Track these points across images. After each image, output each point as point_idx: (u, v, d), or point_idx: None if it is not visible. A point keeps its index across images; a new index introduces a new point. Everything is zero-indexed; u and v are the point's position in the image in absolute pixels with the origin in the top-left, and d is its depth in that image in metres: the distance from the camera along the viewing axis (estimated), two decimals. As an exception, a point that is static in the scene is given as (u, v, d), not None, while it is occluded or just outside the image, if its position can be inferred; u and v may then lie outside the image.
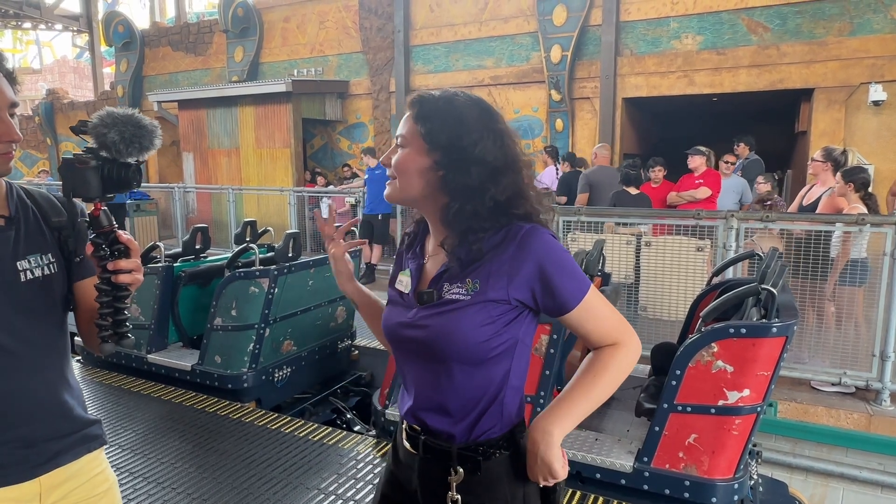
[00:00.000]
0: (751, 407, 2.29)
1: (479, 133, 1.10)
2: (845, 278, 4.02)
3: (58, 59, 28.75)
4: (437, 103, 1.13)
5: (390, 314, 1.22)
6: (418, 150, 1.12)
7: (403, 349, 1.20)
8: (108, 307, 1.11)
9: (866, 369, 3.98)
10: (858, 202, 4.07)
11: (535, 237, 1.09)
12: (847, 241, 3.98)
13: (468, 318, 1.08)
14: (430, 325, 1.11)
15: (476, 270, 1.10)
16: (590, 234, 4.65)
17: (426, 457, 1.18)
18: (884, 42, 7.04)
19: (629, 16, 8.40)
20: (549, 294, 1.09)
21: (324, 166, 11.32)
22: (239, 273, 3.78)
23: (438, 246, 1.16)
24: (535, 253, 1.08)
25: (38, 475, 1.17)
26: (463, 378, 1.11)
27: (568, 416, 1.11)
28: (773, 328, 2.21)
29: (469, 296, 1.09)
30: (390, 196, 1.18)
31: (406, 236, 1.29)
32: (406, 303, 1.19)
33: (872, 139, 7.26)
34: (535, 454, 1.10)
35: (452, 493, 1.14)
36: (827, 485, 3.71)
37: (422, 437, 1.18)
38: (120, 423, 3.38)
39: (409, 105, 1.16)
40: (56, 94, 14.97)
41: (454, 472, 1.13)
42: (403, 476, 1.24)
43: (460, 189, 1.10)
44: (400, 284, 1.22)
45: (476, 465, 1.13)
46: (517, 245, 1.08)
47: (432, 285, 1.15)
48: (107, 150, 1.06)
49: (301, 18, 11.28)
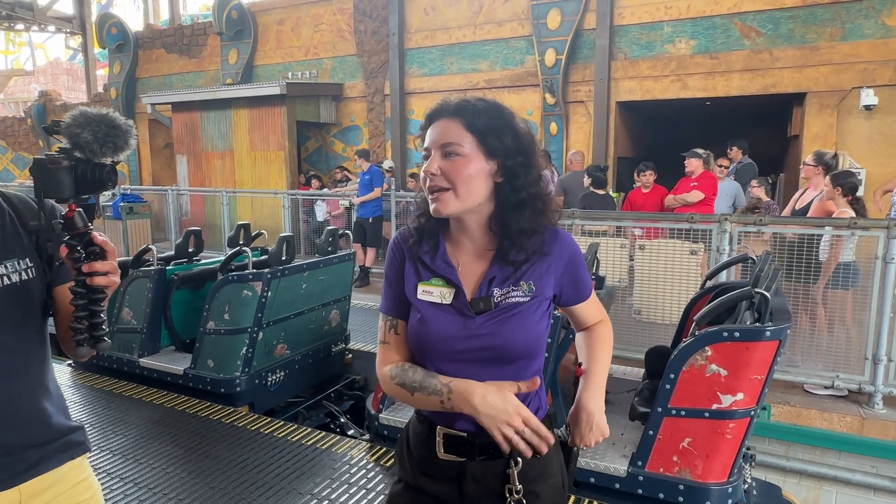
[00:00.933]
0: (745, 410, 2.29)
1: (529, 141, 1.17)
2: (837, 281, 4.04)
3: (51, 60, 28.61)
4: (489, 112, 1.14)
5: (437, 327, 1.17)
6: (478, 157, 1.13)
7: (463, 359, 1.16)
8: (84, 310, 1.08)
9: (859, 372, 3.99)
10: (847, 206, 4.10)
11: (566, 239, 1.23)
12: (837, 244, 4.00)
13: (531, 318, 1.17)
14: (499, 331, 1.15)
15: (525, 273, 1.17)
16: (584, 238, 4.66)
17: (481, 458, 1.18)
18: (875, 47, 7.10)
19: (623, 20, 8.44)
20: (574, 286, 1.25)
21: (318, 169, 11.30)
22: (232, 276, 3.76)
23: (477, 251, 1.20)
24: (568, 251, 1.22)
25: (19, 483, 1.15)
26: (525, 373, 1.19)
27: (602, 385, 1.28)
28: (767, 332, 2.21)
29: (528, 297, 1.16)
30: (447, 209, 1.14)
31: (416, 245, 1.23)
32: (459, 312, 1.17)
33: (864, 143, 7.31)
34: (592, 423, 1.23)
35: (514, 484, 1.16)
36: (820, 488, 3.72)
37: (477, 440, 1.17)
38: (111, 428, 3.35)
39: (453, 112, 1.14)
40: (49, 96, 14.89)
41: (515, 464, 1.17)
42: (440, 489, 1.21)
43: (516, 195, 1.15)
44: (430, 295, 1.19)
45: (535, 452, 1.16)
46: (556, 246, 1.20)
47: (481, 292, 1.17)
48: (80, 151, 1.04)
49: (295, 21, 11.27)
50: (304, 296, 4.06)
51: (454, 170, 1.12)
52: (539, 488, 1.19)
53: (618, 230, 5.12)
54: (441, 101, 1.19)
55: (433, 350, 1.18)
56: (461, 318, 1.16)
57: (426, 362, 1.20)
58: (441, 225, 1.23)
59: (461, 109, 1.14)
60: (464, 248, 1.21)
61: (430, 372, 1.18)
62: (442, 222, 1.22)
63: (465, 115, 1.14)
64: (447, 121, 1.14)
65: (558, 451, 1.25)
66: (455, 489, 1.20)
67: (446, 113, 1.15)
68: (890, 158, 6.91)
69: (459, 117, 1.14)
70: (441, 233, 1.22)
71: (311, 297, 4.15)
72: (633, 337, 4.49)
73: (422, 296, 1.20)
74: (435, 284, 1.19)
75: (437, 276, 1.20)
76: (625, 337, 4.50)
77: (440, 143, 1.14)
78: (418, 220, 1.24)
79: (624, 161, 9.28)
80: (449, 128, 1.14)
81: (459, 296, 1.17)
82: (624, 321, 4.73)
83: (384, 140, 10.52)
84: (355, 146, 10.88)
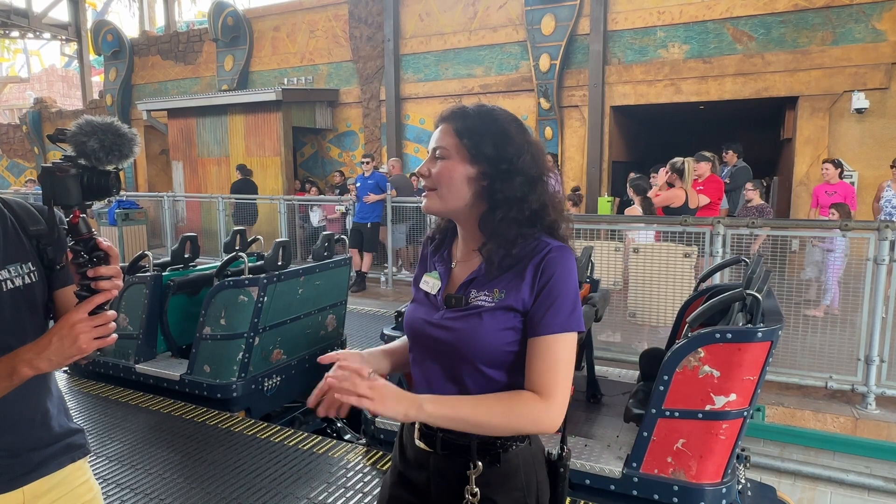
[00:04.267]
0: (738, 411, 2.31)
1: (521, 146, 1.17)
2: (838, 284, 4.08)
3: (46, 67, 28.62)
4: (480, 117, 1.18)
5: (416, 311, 1.26)
6: (462, 161, 1.16)
7: (425, 347, 1.23)
8: None
9: (852, 373, 4.02)
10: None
11: (560, 259, 1.14)
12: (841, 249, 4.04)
13: (490, 323, 1.13)
14: (454, 328, 1.16)
15: (504, 280, 1.15)
16: (579, 241, 4.68)
17: (443, 453, 1.19)
18: (865, 51, 7.17)
19: (617, 25, 8.50)
20: (540, 307, 1.12)
21: (314, 175, 11.32)
22: (228, 282, 3.77)
23: (469, 252, 1.23)
24: (553, 270, 1.12)
25: (22, 485, 1.17)
26: (485, 378, 1.15)
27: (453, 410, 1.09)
28: (759, 333, 2.23)
29: (493, 303, 1.14)
30: (431, 208, 1.21)
31: (430, 240, 1.35)
32: (433, 303, 1.23)
33: (856, 146, 7.37)
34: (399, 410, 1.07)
35: (472, 486, 1.16)
36: (815, 488, 3.74)
37: (439, 433, 1.18)
38: (108, 434, 3.34)
39: (446, 118, 1.20)
40: (44, 103, 14.88)
41: (473, 466, 1.16)
42: (414, 475, 1.26)
43: (504, 198, 1.16)
44: (426, 285, 1.27)
45: (496, 458, 1.17)
46: (544, 261, 1.13)
47: (461, 290, 1.20)
48: (86, 159, 1.07)
49: (291, 27, 11.31)
50: (300, 301, 4.07)
51: (439, 172, 1.18)
52: (498, 497, 1.17)
53: (612, 234, 5.15)
54: (449, 106, 1.25)
55: (411, 334, 1.27)
56: (433, 309, 1.23)
57: (410, 346, 1.29)
58: (445, 227, 1.33)
59: (453, 114, 1.20)
60: (464, 247, 1.27)
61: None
62: (445, 225, 1.32)
63: (455, 120, 1.19)
64: (443, 125, 1.20)
65: (534, 469, 1.21)
66: (424, 477, 1.24)
67: (443, 118, 1.22)
68: (881, 161, 6.97)
69: (451, 122, 1.19)
70: (453, 231, 1.31)
71: (308, 302, 4.16)
72: (628, 340, 4.52)
73: (422, 285, 1.29)
74: (432, 276, 1.27)
75: (435, 269, 1.28)
76: (620, 340, 4.51)
77: (433, 145, 1.21)
78: (439, 221, 1.34)
79: (619, 165, 9.33)
80: (442, 131, 1.20)
81: (439, 290, 1.24)
82: (619, 324, 4.75)
83: (380, 145, 10.54)
84: (351, 151, 10.91)
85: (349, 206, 8.22)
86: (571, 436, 2.79)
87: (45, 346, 1.06)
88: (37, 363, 1.06)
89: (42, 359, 1.06)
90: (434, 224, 1.37)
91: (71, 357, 1.06)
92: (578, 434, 2.83)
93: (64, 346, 1.05)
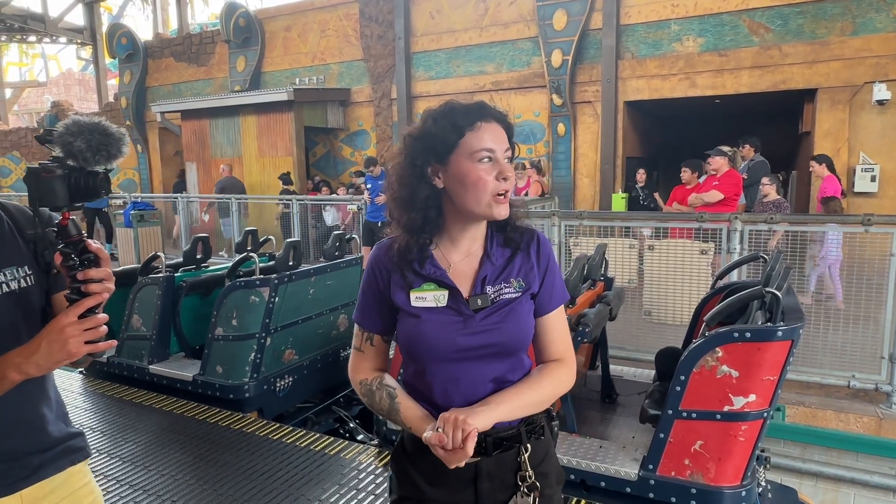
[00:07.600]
0: (757, 412, 2.25)
1: None
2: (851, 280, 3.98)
3: (63, 71, 29.03)
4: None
5: (432, 329, 1.17)
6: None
7: (459, 359, 1.17)
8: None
9: (875, 371, 3.92)
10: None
11: (546, 241, 1.28)
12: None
13: (522, 311, 1.21)
14: (499, 327, 1.18)
15: (514, 270, 1.23)
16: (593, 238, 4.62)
17: (496, 452, 1.19)
18: (887, 41, 7.00)
19: (629, 19, 8.39)
20: (548, 290, 1.25)
21: (326, 174, 11.34)
22: (239, 282, 3.77)
23: (468, 250, 1.23)
24: (547, 253, 1.27)
25: (20, 489, 1.16)
26: (521, 364, 1.24)
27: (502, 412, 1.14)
28: (779, 332, 2.16)
29: (519, 293, 1.21)
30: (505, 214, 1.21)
31: (399, 254, 1.21)
32: (455, 313, 1.18)
33: (877, 138, 7.20)
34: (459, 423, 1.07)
35: (526, 470, 1.20)
36: (837, 490, 3.65)
37: (488, 437, 1.17)
38: (121, 435, 3.36)
39: (501, 119, 1.20)
40: (61, 107, 15.10)
41: (525, 451, 1.20)
42: (454, 497, 1.21)
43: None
44: (424, 301, 1.19)
45: (540, 432, 1.25)
46: (537, 245, 1.26)
47: (476, 290, 1.20)
48: (73, 159, 1.05)
49: (302, 27, 11.33)
50: (311, 301, 4.06)
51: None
52: (546, 469, 1.25)
53: (626, 231, 5.07)
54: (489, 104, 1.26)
55: (430, 352, 1.18)
56: (460, 318, 1.18)
57: (421, 364, 1.21)
58: (431, 231, 1.21)
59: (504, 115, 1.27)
60: (458, 248, 1.23)
61: (394, 403, 1.21)
62: (432, 227, 1.21)
63: (508, 126, 1.24)
64: (499, 127, 1.22)
65: (550, 430, 1.32)
66: (471, 491, 1.20)
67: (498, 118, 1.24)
68: (904, 153, 6.81)
69: (506, 128, 1.24)
70: (430, 239, 1.22)
71: (319, 302, 4.15)
72: (642, 338, 4.45)
73: (416, 302, 1.20)
74: (427, 289, 1.20)
75: (428, 280, 1.20)
76: (635, 339, 4.45)
77: (505, 152, 1.20)
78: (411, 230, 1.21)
79: (633, 161, 9.22)
80: (504, 137, 1.22)
81: (456, 295, 1.19)
82: (634, 323, 4.68)
83: (392, 144, 10.53)
84: (363, 151, 10.91)
85: (361, 206, 8.24)
86: (585, 437, 2.74)
87: (34, 351, 1.04)
88: (25, 367, 1.04)
89: (31, 363, 1.04)
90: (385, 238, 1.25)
91: (60, 361, 1.04)
92: (593, 435, 2.78)
93: (53, 351, 1.03)
